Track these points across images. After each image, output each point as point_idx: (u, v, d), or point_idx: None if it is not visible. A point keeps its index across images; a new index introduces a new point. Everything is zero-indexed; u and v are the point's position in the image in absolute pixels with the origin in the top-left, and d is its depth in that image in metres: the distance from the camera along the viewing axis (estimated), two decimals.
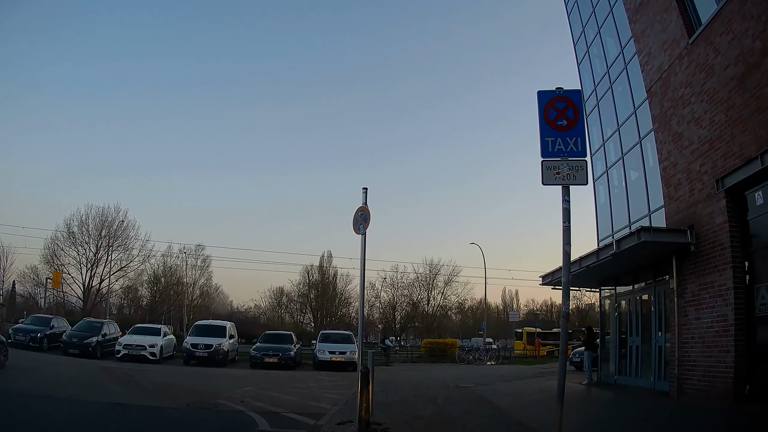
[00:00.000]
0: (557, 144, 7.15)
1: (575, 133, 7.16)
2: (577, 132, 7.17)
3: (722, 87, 10.94)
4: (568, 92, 7.37)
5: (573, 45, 21.24)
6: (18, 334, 24.74)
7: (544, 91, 7.41)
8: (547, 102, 7.30)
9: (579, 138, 7.16)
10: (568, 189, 7.07)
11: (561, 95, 7.32)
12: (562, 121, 7.19)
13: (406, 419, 10.21)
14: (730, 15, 10.72)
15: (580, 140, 7.16)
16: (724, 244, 10.61)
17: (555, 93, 7.34)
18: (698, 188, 11.68)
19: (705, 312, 11.07)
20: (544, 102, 7.32)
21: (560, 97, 7.30)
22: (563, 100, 7.27)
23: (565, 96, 7.32)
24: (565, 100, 7.26)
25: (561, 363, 7.06)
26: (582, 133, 7.22)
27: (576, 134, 7.16)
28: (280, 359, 25.05)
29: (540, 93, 7.39)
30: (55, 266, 52.41)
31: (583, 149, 7.15)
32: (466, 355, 37.22)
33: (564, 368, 6.91)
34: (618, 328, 16.57)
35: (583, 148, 7.16)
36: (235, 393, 13.70)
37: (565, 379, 6.80)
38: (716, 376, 10.55)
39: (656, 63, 13.89)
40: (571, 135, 7.15)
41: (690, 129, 12.13)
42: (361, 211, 10.32)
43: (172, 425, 9.78)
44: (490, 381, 19.12)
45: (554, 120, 7.19)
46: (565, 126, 7.17)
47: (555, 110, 7.21)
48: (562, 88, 7.40)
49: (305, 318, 69.57)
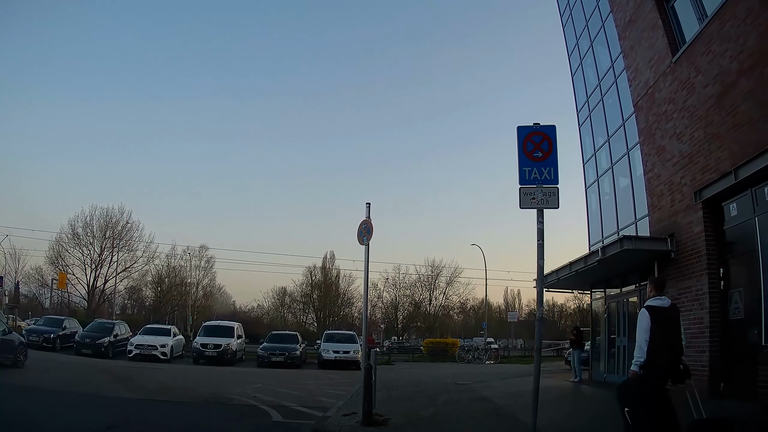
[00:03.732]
0: (533, 173, 8.13)
1: (549, 163, 8.13)
2: (551, 162, 8.14)
3: (701, 104, 11.64)
4: (544, 127, 8.32)
5: (567, 56, 22.10)
6: (32, 335, 25.27)
7: (522, 126, 8.38)
8: (525, 136, 8.27)
9: (552, 168, 8.13)
10: (542, 212, 8.04)
11: (537, 130, 8.29)
12: (538, 153, 8.17)
13: (406, 411, 11.04)
14: (710, 36, 11.36)
15: (553, 170, 8.12)
16: (701, 251, 11.38)
17: (532, 128, 8.31)
18: (679, 199, 12.47)
19: (683, 315, 11.82)
20: (523, 135, 8.29)
21: (537, 132, 8.28)
22: (539, 134, 8.25)
23: (540, 131, 8.29)
24: (541, 134, 8.25)
25: (536, 360, 8.07)
26: (555, 163, 8.15)
27: (549, 164, 8.13)
28: (287, 358, 25.95)
29: (519, 128, 8.36)
30: (60, 267, 53.48)
31: (556, 178, 8.09)
32: (466, 354, 38.00)
33: (539, 365, 8.01)
34: (607, 329, 17.38)
35: (556, 176, 8.09)
36: (246, 389, 14.50)
37: (539, 374, 7.80)
38: (693, 374, 11.31)
39: (643, 78, 14.64)
40: (546, 165, 8.12)
41: (672, 143, 12.90)
42: (365, 224, 11.11)
43: (194, 416, 10.60)
44: (486, 378, 19.94)
45: (531, 152, 8.18)
46: (540, 157, 8.15)
47: (532, 143, 8.18)
48: (539, 124, 8.35)
49: (308, 318, 70.14)
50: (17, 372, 15.52)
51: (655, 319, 6.77)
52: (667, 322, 6.86)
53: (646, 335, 6.72)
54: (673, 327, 6.93)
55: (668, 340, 6.79)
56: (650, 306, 6.96)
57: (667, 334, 6.80)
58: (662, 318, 6.82)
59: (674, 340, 6.90)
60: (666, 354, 6.74)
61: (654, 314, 6.80)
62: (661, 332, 6.73)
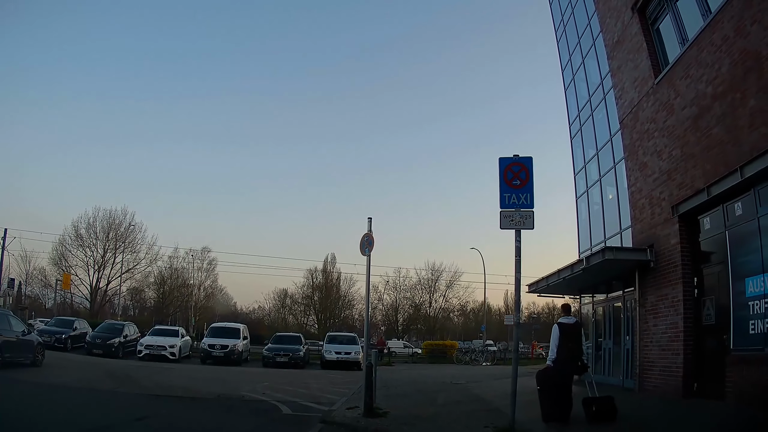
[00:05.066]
0: (512, 198, 9.32)
1: (526, 190, 9.29)
2: (528, 189, 9.30)
3: (680, 125, 12.43)
4: (523, 159, 9.44)
5: (561, 71, 22.95)
6: (44, 335, 25.06)
7: (504, 157, 9.51)
8: (506, 166, 9.42)
9: (529, 194, 9.29)
10: (520, 232, 9.22)
11: (517, 161, 9.43)
12: (516, 181, 9.34)
13: (403, 406, 12.06)
14: (689, 61, 12.11)
15: (529, 196, 9.29)
16: (677, 262, 12.23)
17: (512, 159, 9.43)
18: (658, 212, 13.32)
19: (661, 320, 12.74)
20: (504, 166, 9.43)
21: (516, 162, 9.43)
22: (518, 164, 9.42)
23: (519, 161, 9.43)
24: (520, 164, 9.42)
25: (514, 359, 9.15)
26: (531, 190, 9.31)
27: (526, 191, 9.29)
28: (291, 359, 26.89)
29: (501, 159, 9.50)
30: (63, 268, 53.67)
31: (531, 203, 9.26)
32: (464, 356, 38.81)
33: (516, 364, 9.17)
34: (595, 333, 18.27)
35: (531, 202, 9.26)
36: (255, 387, 15.44)
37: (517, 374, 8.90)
38: (670, 375, 12.15)
39: (628, 97, 15.39)
40: (523, 192, 9.29)
41: (653, 160, 13.72)
42: (367, 236, 12.08)
43: (213, 410, 11.53)
44: (481, 379, 20.83)
45: (510, 180, 9.36)
46: (519, 185, 9.33)
47: (512, 172, 9.36)
48: (518, 155, 9.45)
49: (309, 320, 70.73)
50: (37, 371, 16.13)
51: (562, 332, 9.73)
52: (570, 334, 9.81)
53: (556, 342, 9.73)
54: (575, 337, 9.93)
55: (570, 346, 9.71)
56: (560, 323, 10.00)
57: (570, 342, 9.74)
58: (566, 331, 9.77)
59: (575, 346, 9.89)
60: (567, 355, 9.64)
61: (562, 329, 9.78)
62: (565, 340, 9.69)
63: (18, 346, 16.19)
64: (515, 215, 9.19)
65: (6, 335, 15.55)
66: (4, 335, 15.43)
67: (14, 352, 15.90)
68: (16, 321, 17.57)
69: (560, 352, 9.60)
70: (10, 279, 45.63)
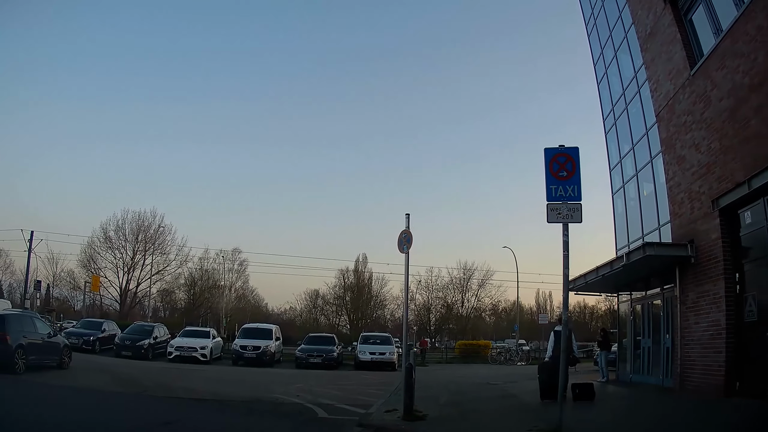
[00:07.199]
0: (559, 190, 8.90)
1: (573, 182, 8.88)
2: (575, 181, 8.89)
3: (717, 117, 12.20)
4: (568, 149, 9.07)
5: (593, 65, 22.61)
6: (71, 337, 25.11)
7: (549, 148, 9.15)
8: (551, 157, 9.04)
9: (576, 186, 8.88)
10: (567, 226, 8.83)
11: (562, 151, 9.05)
12: (563, 173, 8.93)
13: (442, 408, 11.86)
14: (724, 51, 11.91)
15: (576, 188, 8.87)
16: (718, 257, 11.96)
17: (557, 150, 9.07)
18: (697, 207, 13.04)
19: (702, 317, 12.46)
20: (549, 157, 9.06)
21: (562, 153, 9.04)
22: (564, 155, 9.01)
23: (565, 152, 9.04)
24: (565, 155, 9.01)
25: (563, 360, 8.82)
26: (578, 182, 8.90)
27: (573, 183, 8.88)
28: (324, 360, 26.70)
29: (546, 149, 9.14)
30: (92, 270, 54.14)
31: (579, 195, 8.84)
32: (498, 356, 38.62)
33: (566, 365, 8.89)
34: (633, 331, 17.96)
35: (579, 194, 8.85)
36: (289, 389, 15.29)
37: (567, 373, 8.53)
38: (711, 374, 11.89)
39: (663, 90, 15.16)
40: (570, 183, 8.88)
41: (691, 153, 13.46)
42: (405, 233, 11.90)
43: (245, 413, 11.35)
44: (518, 379, 20.55)
45: (557, 171, 8.95)
46: (565, 176, 8.91)
47: (557, 164, 8.95)
48: (563, 146, 9.10)
49: (341, 320, 70.69)
50: (63, 373, 16.14)
51: (556, 337, 12.65)
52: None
53: (552, 344, 13.35)
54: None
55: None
56: (555, 330, 13.35)
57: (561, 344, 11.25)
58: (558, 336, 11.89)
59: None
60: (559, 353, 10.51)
61: (556, 335, 12.85)
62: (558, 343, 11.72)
63: (43, 348, 16.14)
64: (562, 208, 8.84)
65: (31, 337, 15.49)
66: (29, 337, 15.38)
67: (39, 354, 15.82)
68: (42, 323, 17.60)
69: (554, 351, 12.62)
70: (37, 281, 46.02)
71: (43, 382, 13.72)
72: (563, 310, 9.15)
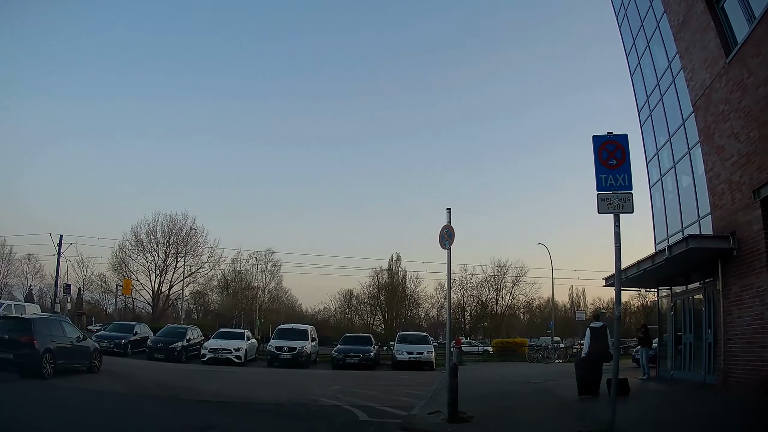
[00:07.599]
0: (609, 180, 8.77)
1: (623, 170, 8.73)
2: (625, 170, 8.74)
3: (755, 105, 11.85)
4: (617, 136, 8.91)
5: (625, 56, 22.23)
6: (102, 340, 25.20)
7: (597, 135, 8.99)
8: (600, 145, 8.89)
9: (626, 174, 8.72)
10: (619, 216, 8.66)
11: (611, 139, 8.89)
12: (612, 161, 8.79)
13: (486, 409, 11.63)
14: (758, 38, 11.60)
15: (627, 176, 8.72)
16: (761, 249, 11.57)
17: (606, 137, 8.91)
18: (738, 198, 12.69)
19: (745, 311, 12.12)
20: (598, 144, 8.90)
21: (610, 141, 8.88)
22: (613, 143, 8.86)
23: (614, 139, 8.89)
24: (614, 143, 8.86)
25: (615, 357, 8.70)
26: (628, 170, 8.74)
27: (623, 171, 8.73)
28: (361, 360, 26.40)
29: (594, 137, 8.97)
30: (124, 273, 54.46)
31: (629, 184, 8.70)
32: (535, 353, 38.26)
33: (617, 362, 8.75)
34: (674, 327, 17.60)
35: (630, 182, 8.70)
36: (326, 391, 15.18)
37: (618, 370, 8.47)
38: (755, 369, 11.54)
39: (699, 79, 14.81)
40: (620, 172, 8.73)
41: (730, 143, 13.11)
42: (447, 228, 11.72)
43: (284, 417, 11.24)
44: (558, 377, 20.24)
45: (606, 159, 8.82)
46: (615, 165, 8.77)
47: (606, 152, 8.82)
48: (612, 133, 8.92)
49: (375, 320, 71.05)
50: (92, 377, 16.03)
51: (592, 334, 13.88)
52: (598, 335, 13.75)
53: (588, 341, 14.09)
54: (602, 337, 13.67)
55: (597, 344, 13.62)
56: (590, 327, 14.24)
57: (597, 341, 13.67)
58: (595, 333, 13.83)
59: (602, 343, 13.55)
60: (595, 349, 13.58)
61: (592, 331, 13.94)
62: (594, 340, 13.73)
63: (73, 352, 16.12)
64: (613, 198, 8.68)
65: (59, 341, 15.47)
66: (58, 342, 15.36)
67: (69, 358, 15.81)
68: (71, 327, 17.69)
69: (591, 348, 13.72)
70: (66, 285, 46.39)
71: (71, 386, 13.72)
72: (616, 304, 8.86)
